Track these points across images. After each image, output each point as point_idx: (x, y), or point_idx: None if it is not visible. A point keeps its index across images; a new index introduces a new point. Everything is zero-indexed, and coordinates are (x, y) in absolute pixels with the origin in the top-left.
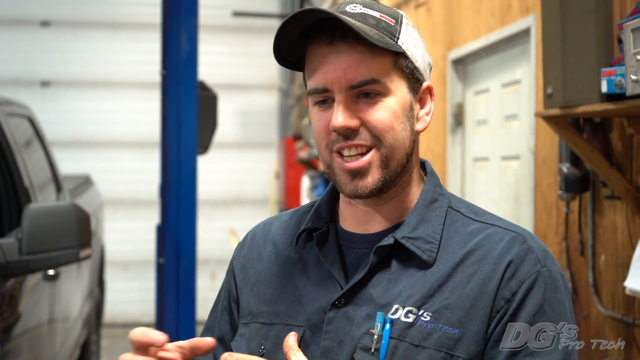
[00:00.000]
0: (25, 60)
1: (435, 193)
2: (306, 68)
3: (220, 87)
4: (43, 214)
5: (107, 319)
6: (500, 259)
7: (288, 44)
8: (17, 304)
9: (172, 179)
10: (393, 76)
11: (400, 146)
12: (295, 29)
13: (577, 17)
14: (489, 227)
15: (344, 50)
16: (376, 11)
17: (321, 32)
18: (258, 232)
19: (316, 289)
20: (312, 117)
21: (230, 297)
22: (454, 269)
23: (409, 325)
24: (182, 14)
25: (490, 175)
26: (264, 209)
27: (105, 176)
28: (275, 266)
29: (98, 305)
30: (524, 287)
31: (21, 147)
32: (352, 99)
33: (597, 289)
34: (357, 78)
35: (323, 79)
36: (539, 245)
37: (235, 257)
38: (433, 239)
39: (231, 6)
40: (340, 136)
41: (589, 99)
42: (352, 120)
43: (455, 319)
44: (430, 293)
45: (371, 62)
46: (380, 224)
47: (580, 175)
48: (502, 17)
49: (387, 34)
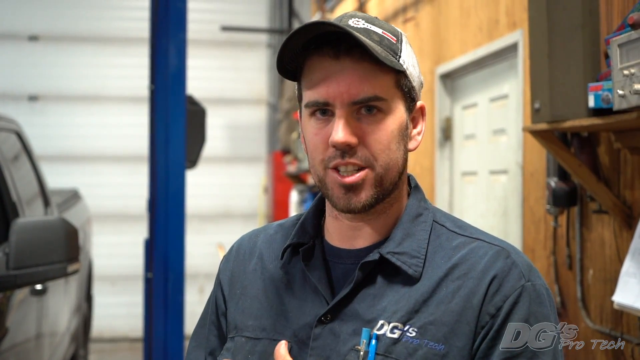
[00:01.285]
0: (13, 75)
1: (420, 207)
2: (304, 79)
3: (208, 102)
4: (31, 228)
5: (95, 334)
6: (484, 273)
7: (290, 53)
8: (4, 319)
9: (161, 193)
10: (393, 95)
11: (394, 165)
12: (301, 40)
13: (564, 32)
14: (473, 242)
15: (349, 66)
16: (378, 27)
17: (325, 44)
18: (244, 244)
19: (302, 305)
20: (308, 129)
21: (218, 310)
22: (439, 284)
23: (394, 341)
24: (170, 28)
25: (479, 190)
26: (252, 223)
27: (93, 190)
28: (261, 280)
29: (86, 320)
30: (508, 302)
31: (9, 162)
32: (353, 114)
33: (585, 303)
34: (361, 94)
35: (325, 92)
36: (523, 259)
37: (222, 270)
38: (418, 254)
39: (219, 21)
40: (338, 152)
41: (577, 114)
42: (352, 137)
43: (441, 335)
44: (415, 308)
45: (375, 79)
46: (366, 239)
47: (568, 189)
48: (490, 32)
49: (390, 51)
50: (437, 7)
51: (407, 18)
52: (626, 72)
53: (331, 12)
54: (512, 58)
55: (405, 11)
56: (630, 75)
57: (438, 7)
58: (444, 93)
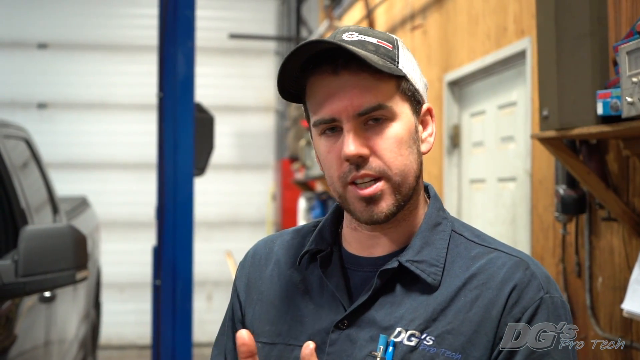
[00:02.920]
0: (22, 83)
1: (438, 217)
2: (309, 100)
3: (216, 109)
4: (39, 236)
5: (103, 341)
6: (504, 284)
7: (290, 77)
8: (13, 326)
9: (169, 200)
10: (397, 100)
11: (409, 170)
12: (298, 61)
13: (573, 40)
14: (492, 252)
15: (348, 79)
16: (373, 37)
17: (323, 62)
18: (259, 250)
19: (319, 310)
20: (320, 148)
21: (235, 317)
22: (457, 293)
23: (411, 349)
24: (178, 36)
25: (487, 197)
26: (260, 231)
27: (101, 198)
28: (278, 286)
29: (94, 327)
30: (527, 314)
31: (18, 169)
32: (360, 126)
33: (595, 311)
34: (364, 105)
35: (330, 109)
36: (541, 271)
37: (238, 277)
38: (437, 262)
39: (228, 28)
40: (352, 165)
41: (585, 121)
42: (363, 148)
43: (458, 344)
44: (433, 317)
45: (376, 88)
46: (384, 247)
47: (576, 197)
48: (498, 39)
49: (387, 59)
50: (445, 14)
51: (415, 26)
52: (635, 80)
53: (339, 19)
54: (520, 65)
55: (413, 19)
56: (638, 83)
57: (446, 14)
58: (452, 100)
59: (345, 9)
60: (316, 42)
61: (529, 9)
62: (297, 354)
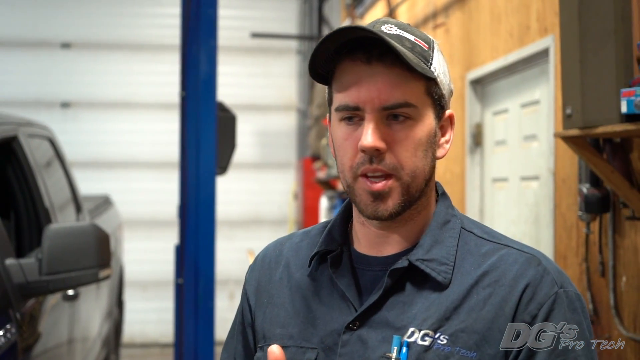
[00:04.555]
0: (46, 82)
1: (447, 214)
2: (335, 83)
3: (238, 108)
4: (63, 234)
5: (126, 339)
6: (516, 281)
7: (323, 57)
8: (36, 324)
9: (191, 199)
10: (424, 102)
11: (420, 173)
12: (334, 44)
13: (596, 38)
14: (502, 248)
15: (381, 71)
16: (410, 34)
17: (357, 49)
18: (269, 254)
19: (330, 312)
20: (337, 134)
21: (245, 321)
22: (469, 291)
23: (425, 349)
24: (201, 35)
25: (510, 196)
26: (282, 230)
27: (124, 197)
28: (288, 288)
29: (117, 325)
30: (543, 309)
31: (42, 168)
32: (382, 120)
33: (619, 310)
34: (391, 100)
35: (356, 97)
36: (553, 266)
37: (248, 280)
38: (447, 260)
39: (250, 27)
40: (366, 157)
41: (609, 120)
42: (381, 142)
43: (473, 342)
44: (446, 316)
45: (406, 85)
46: (394, 246)
47: (600, 196)
48: (521, 37)
49: (422, 58)
50: (467, 12)
51: (438, 24)
52: None
53: (361, 18)
54: (544, 64)
55: (435, 17)
56: None
57: (468, 12)
58: (474, 99)
59: (367, 8)
60: (356, 29)
61: (552, 6)
62: (310, 356)
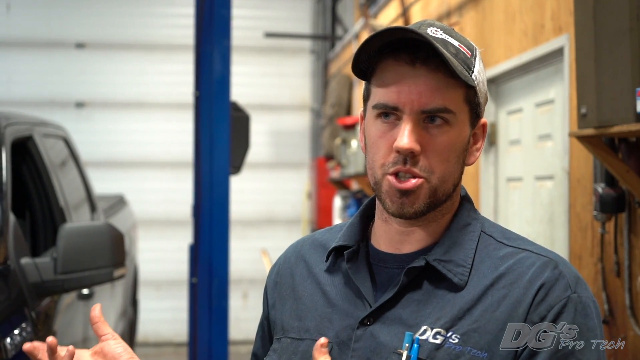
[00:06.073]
0: (60, 82)
1: (469, 217)
2: (376, 80)
3: (252, 108)
4: (78, 233)
5: (140, 338)
6: (531, 283)
7: (367, 54)
8: (52, 323)
9: (205, 199)
10: (462, 109)
11: (450, 178)
12: (380, 42)
13: (611, 37)
14: (521, 252)
15: (424, 74)
16: (455, 39)
17: (402, 50)
18: (290, 251)
19: (345, 307)
20: (372, 130)
21: (263, 314)
22: (484, 293)
23: (437, 347)
24: (215, 35)
25: (524, 196)
26: (295, 229)
27: (138, 196)
28: (307, 283)
29: (131, 324)
30: (552, 312)
31: (56, 168)
32: (420, 122)
33: (634, 310)
34: (431, 104)
35: (396, 97)
36: (570, 271)
37: (269, 275)
38: (465, 263)
39: (263, 27)
40: (400, 157)
41: (624, 119)
42: (416, 144)
43: (484, 343)
44: (459, 315)
45: (446, 90)
46: (413, 245)
47: (615, 195)
48: (535, 36)
49: (464, 65)
50: (481, 12)
51: (451, 23)
52: None
53: (375, 18)
54: (558, 63)
55: (449, 16)
56: None
57: (482, 12)
58: (488, 98)
59: (381, 7)
60: (405, 30)
61: (567, 5)
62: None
